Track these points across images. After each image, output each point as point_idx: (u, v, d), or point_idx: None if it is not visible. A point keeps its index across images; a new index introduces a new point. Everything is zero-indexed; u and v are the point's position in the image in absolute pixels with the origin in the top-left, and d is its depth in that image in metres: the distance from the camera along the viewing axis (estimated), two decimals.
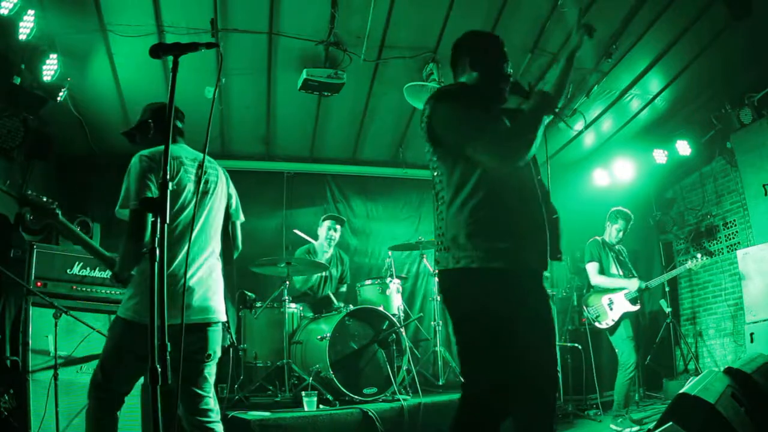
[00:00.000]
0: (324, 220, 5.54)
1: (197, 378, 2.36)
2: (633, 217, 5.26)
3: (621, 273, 5.03)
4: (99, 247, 2.63)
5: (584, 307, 5.10)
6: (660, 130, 6.20)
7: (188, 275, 2.33)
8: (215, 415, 2.39)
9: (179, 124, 2.73)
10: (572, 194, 6.71)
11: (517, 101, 2.47)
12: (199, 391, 2.36)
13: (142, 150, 2.52)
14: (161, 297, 1.61)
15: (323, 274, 5.41)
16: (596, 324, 4.96)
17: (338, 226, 5.51)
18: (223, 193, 2.65)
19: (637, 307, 4.90)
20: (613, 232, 5.18)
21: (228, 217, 2.69)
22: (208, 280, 2.45)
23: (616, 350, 4.90)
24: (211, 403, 2.40)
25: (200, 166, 2.51)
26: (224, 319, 2.50)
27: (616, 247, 5.17)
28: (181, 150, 2.60)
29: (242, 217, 2.77)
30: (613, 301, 4.96)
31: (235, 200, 2.75)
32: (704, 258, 5.08)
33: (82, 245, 2.64)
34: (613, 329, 4.93)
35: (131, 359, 2.29)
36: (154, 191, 2.35)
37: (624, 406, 4.74)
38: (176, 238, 2.38)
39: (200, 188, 2.50)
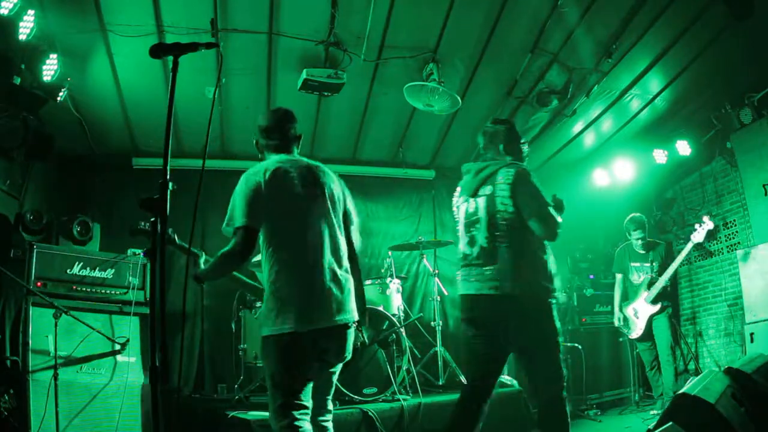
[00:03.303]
0: None
1: (326, 383, 2.51)
2: (644, 218, 5.41)
3: (641, 280, 5.22)
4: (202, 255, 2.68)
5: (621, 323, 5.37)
6: (660, 130, 6.20)
7: (329, 278, 2.42)
8: (330, 415, 2.53)
9: (293, 132, 2.73)
10: (572, 194, 6.70)
11: None
12: (324, 394, 2.51)
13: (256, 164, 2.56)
14: (161, 295, 1.61)
15: None
16: (630, 336, 5.29)
17: None
18: (341, 198, 2.73)
19: (657, 307, 5.10)
20: (633, 242, 5.37)
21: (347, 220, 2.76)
22: (346, 282, 2.53)
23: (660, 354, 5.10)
24: (330, 404, 2.54)
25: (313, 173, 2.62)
26: (357, 318, 2.56)
27: (642, 253, 5.33)
28: (300, 159, 2.64)
29: (356, 220, 2.83)
30: (638, 310, 5.18)
31: (350, 204, 2.81)
32: (702, 230, 5.21)
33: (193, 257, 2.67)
34: (647, 335, 5.15)
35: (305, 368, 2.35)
36: (258, 216, 2.37)
37: None
38: (316, 243, 2.45)
39: (326, 193, 2.59)
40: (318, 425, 2.45)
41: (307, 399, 2.35)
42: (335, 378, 2.56)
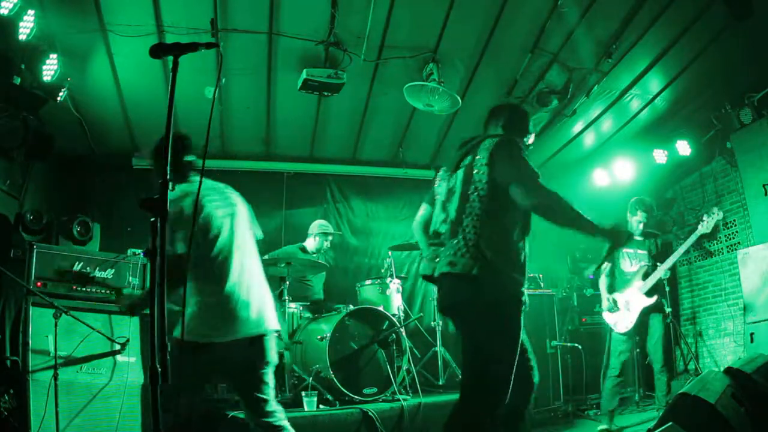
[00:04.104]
0: (317, 235, 5.48)
1: (259, 384, 2.54)
2: (653, 202, 4.93)
3: (634, 270, 4.72)
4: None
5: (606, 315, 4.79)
6: (660, 130, 6.19)
7: (244, 291, 2.52)
8: (280, 414, 2.58)
9: (188, 158, 2.67)
10: (572, 194, 6.70)
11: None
12: (263, 396, 2.54)
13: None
14: (161, 295, 1.61)
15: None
16: (616, 329, 4.67)
17: (330, 237, 5.54)
18: (244, 212, 2.78)
19: (652, 300, 4.57)
20: (633, 224, 4.81)
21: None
22: (260, 293, 2.63)
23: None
24: (274, 405, 2.58)
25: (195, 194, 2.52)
26: (277, 327, 2.66)
27: (638, 239, 4.79)
28: (195, 185, 2.59)
29: (260, 234, 2.89)
30: (630, 301, 4.64)
31: (252, 216, 2.86)
32: (711, 220, 4.78)
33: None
34: (634, 332, 4.62)
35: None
36: (180, 247, 2.39)
37: None
38: (221, 263, 2.53)
39: (228, 212, 2.65)
40: None
41: None
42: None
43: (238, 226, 2.68)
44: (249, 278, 2.60)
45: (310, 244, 5.49)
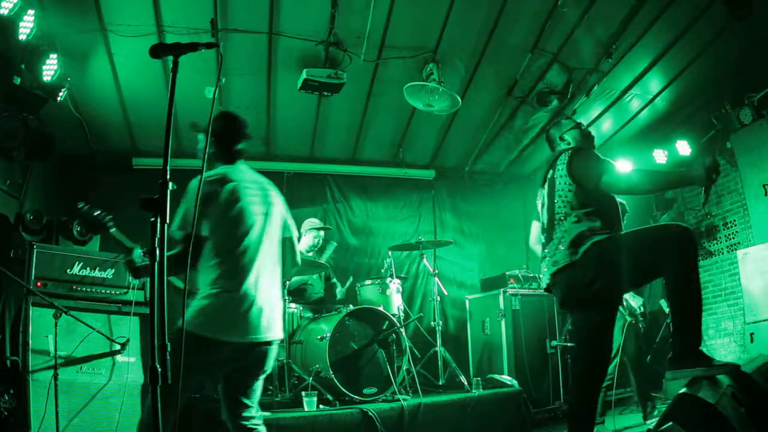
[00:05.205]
0: (307, 231, 5.46)
1: (248, 390, 2.48)
2: (653, 207, 5.05)
3: None
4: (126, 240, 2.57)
5: None
6: (660, 130, 6.20)
7: (260, 296, 2.44)
8: (259, 420, 2.51)
9: (241, 146, 2.70)
10: None
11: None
12: (247, 402, 2.48)
13: (207, 171, 2.51)
14: (161, 294, 1.61)
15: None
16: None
17: (322, 232, 5.52)
18: (279, 213, 2.71)
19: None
20: None
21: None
22: (273, 300, 2.54)
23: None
24: (254, 411, 2.51)
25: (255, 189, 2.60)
26: (282, 336, 2.59)
27: None
28: (239, 173, 2.60)
29: (295, 233, 2.82)
30: (627, 299, 4.81)
31: (288, 217, 2.79)
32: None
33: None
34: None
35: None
36: (204, 228, 2.36)
37: None
38: (245, 262, 2.44)
39: (263, 210, 2.58)
40: None
41: None
42: None
43: (270, 228, 2.60)
44: (267, 283, 2.51)
45: (303, 243, 5.47)
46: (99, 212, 2.55)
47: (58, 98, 4.43)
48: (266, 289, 2.50)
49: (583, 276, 2.61)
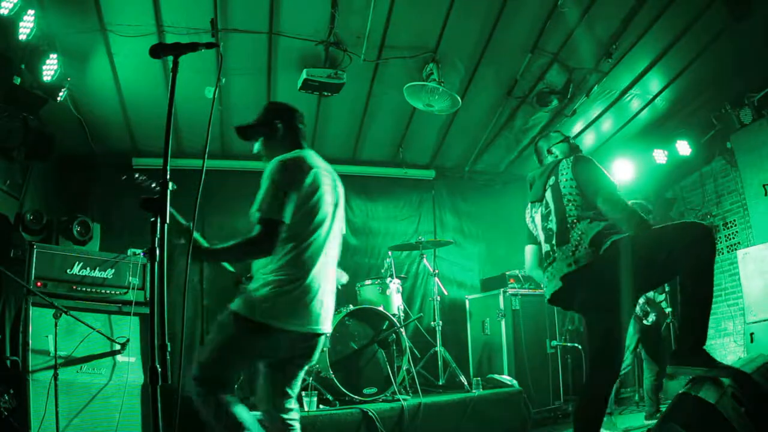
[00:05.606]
0: None
1: (293, 380, 2.50)
2: (653, 208, 5.11)
3: None
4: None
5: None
6: (660, 130, 6.20)
7: (323, 287, 2.43)
8: (295, 414, 2.51)
9: (302, 126, 2.68)
10: None
11: None
12: (290, 391, 2.48)
13: (280, 154, 2.46)
14: (161, 295, 1.61)
15: None
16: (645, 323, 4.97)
17: None
18: (342, 205, 2.71)
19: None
20: None
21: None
22: (331, 293, 2.55)
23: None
24: (293, 403, 2.51)
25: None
26: (330, 330, 2.58)
27: None
28: (314, 158, 2.57)
29: (344, 228, 2.80)
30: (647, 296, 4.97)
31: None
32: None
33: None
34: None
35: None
36: (287, 213, 2.30)
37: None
38: (312, 252, 2.41)
39: (333, 201, 2.57)
40: None
41: None
42: None
43: (337, 220, 2.59)
44: (329, 275, 2.51)
45: None
46: (155, 183, 2.44)
47: (58, 98, 4.42)
48: (328, 280, 2.50)
49: (602, 274, 2.62)
